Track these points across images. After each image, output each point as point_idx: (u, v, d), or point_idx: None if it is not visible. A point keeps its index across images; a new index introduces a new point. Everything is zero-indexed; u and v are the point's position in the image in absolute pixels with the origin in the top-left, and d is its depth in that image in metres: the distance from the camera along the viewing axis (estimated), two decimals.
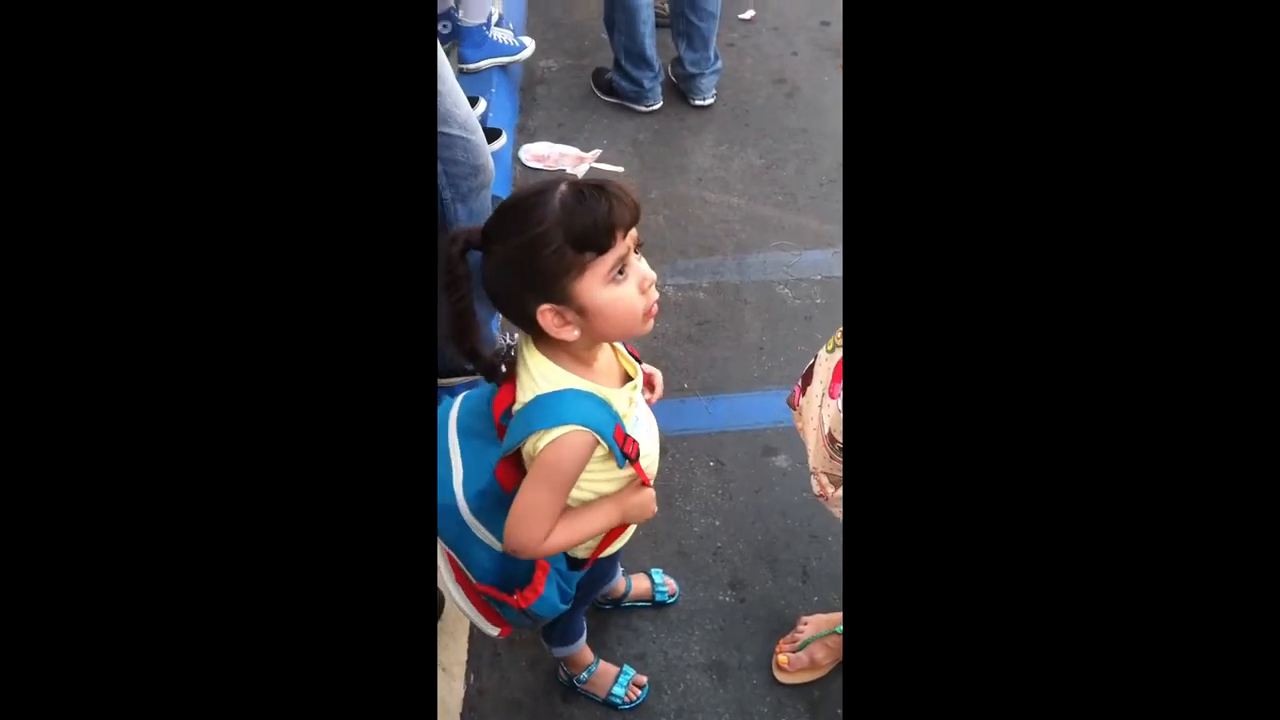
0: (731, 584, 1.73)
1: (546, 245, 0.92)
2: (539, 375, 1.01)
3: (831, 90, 3.00)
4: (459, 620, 1.63)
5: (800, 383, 1.37)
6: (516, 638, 1.64)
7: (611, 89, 2.96)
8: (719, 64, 2.96)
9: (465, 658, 1.60)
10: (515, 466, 1.04)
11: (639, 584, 1.67)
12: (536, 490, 1.01)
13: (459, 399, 1.14)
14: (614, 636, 1.63)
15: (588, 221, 0.92)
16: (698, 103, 2.96)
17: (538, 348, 1.02)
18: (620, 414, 1.03)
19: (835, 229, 2.49)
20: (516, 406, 1.02)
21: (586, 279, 0.94)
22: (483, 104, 2.69)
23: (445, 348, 1.87)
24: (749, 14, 3.36)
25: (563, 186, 0.94)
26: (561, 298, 0.95)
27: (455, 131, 1.58)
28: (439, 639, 1.56)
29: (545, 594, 1.11)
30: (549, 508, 1.02)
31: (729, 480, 1.89)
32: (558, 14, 3.41)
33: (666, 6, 3.11)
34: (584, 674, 1.54)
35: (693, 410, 2.05)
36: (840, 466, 1.22)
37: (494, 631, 1.22)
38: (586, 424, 0.97)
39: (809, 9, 3.42)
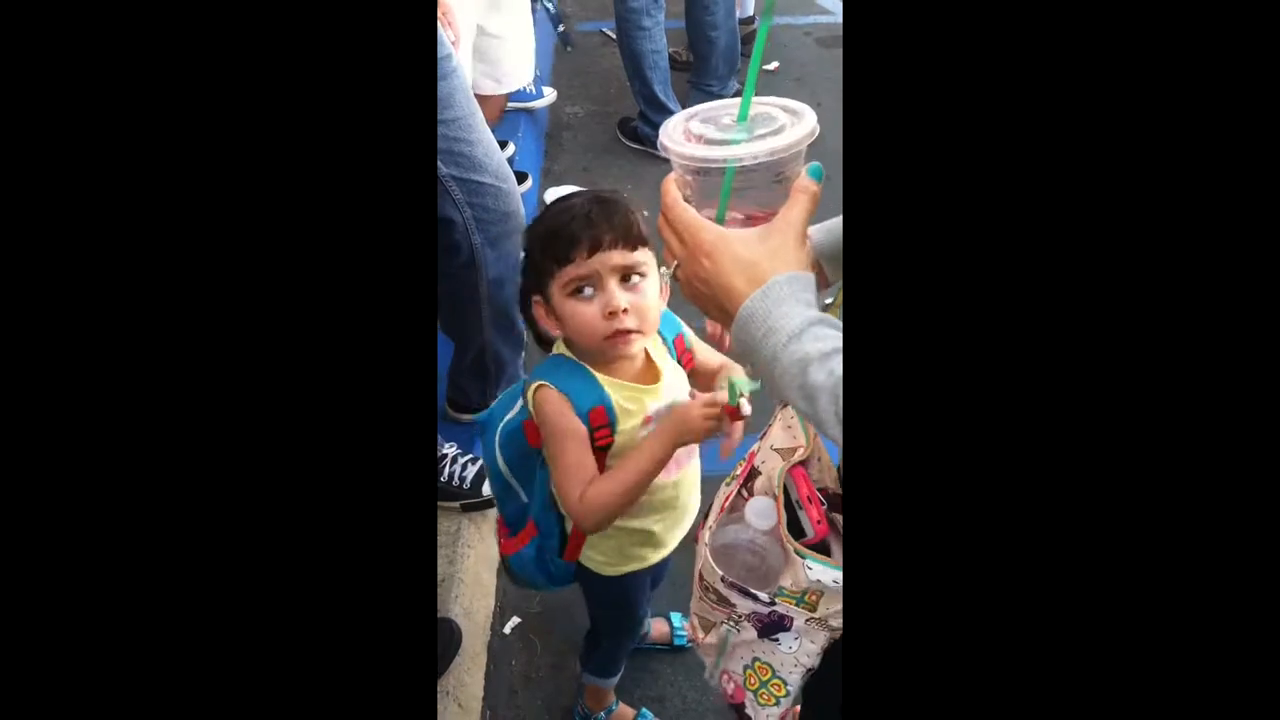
0: None
1: (532, 242, 1.03)
2: (556, 348, 1.12)
3: None
4: (476, 657, 1.62)
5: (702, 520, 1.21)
6: (534, 675, 1.63)
7: (636, 135, 3.02)
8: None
9: (482, 694, 1.59)
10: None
11: (658, 627, 1.66)
12: (551, 450, 1.08)
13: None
14: (632, 679, 1.61)
15: (551, 228, 1.01)
16: None
17: None
18: (616, 405, 1.06)
19: None
20: None
21: (554, 284, 1.02)
22: (511, 148, 2.74)
23: (465, 382, 1.89)
24: (773, 65, 3.42)
25: (583, 195, 1.03)
26: (545, 295, 1.05)
27: (487, 180, 1.60)
28: (455, 675, 1.55)
29: (523, 552, 1.22)
30: (566, 461, 1.05)
31: None
32: (585, 62, 3.49)
33: (685, 54, 3.19)
34: (602, 714, 1.52)
35: (713, 451, 2.04)
36: (706, 608, 1.05)
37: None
38: (563, 387, 1.05)
39: (832, 60, 3.48)
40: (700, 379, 1.19)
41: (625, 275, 1.01)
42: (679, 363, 1.16)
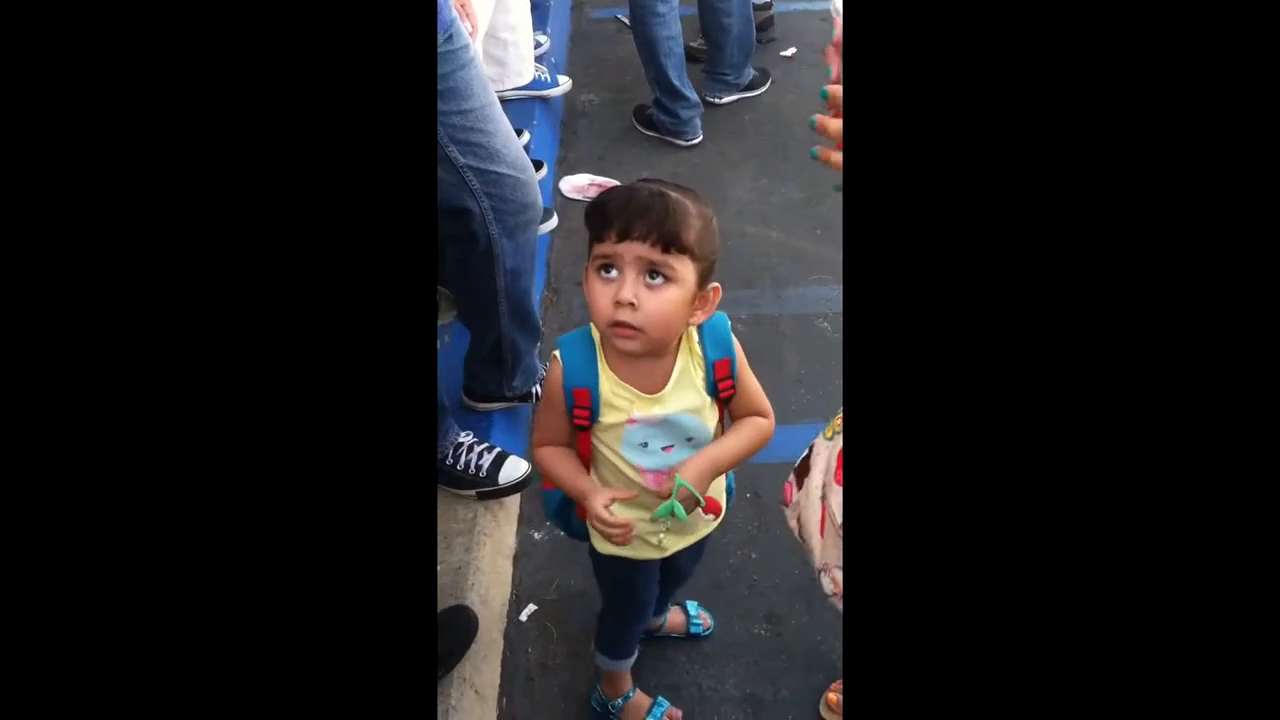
0: (767, 617, 1.71)
1: (587, 212, 1.05)
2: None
3: None
4: (493, 644, 1.63)
5: (793, 477, 1.26)
6: (550, 663, 1.63)
7: (651, 123, 3.01)
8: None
9: (499, 681, 1.59)
10: None
11: (674, 616, 1.66)
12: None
13: None
14: (648, 667, 1.62)
15: (600, 203, 1.03)
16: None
17: None
18: (603, 395, 1.10)
19: None
20: None
21: (590, 255, 1.05)
22: (525, 136, 2.73)
23: (482, 372, 1.89)
24: (790, 51, 3.39)
25: (656, 183, 1.04)
26: (588, 264, 1.07)
27: (505, 170, 1.60)
28: (472, 662, 1.55)
29: (552, 492, 1.28)
30: (538, 418, 1.20)
31: (765, 513, 1.88)
32: (601, 50, 3.47)
33: (700, 41, 3.17)
34: (619, 700, 1.52)
35: None
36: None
37: None
38: (564, 357, 1.11)
39: None
40: (734, 412, 1.19)
41: (651, 271, 1.00)
42: (715, 388, 1.14)
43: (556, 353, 1.12)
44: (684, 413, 1.11)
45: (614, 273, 1.01)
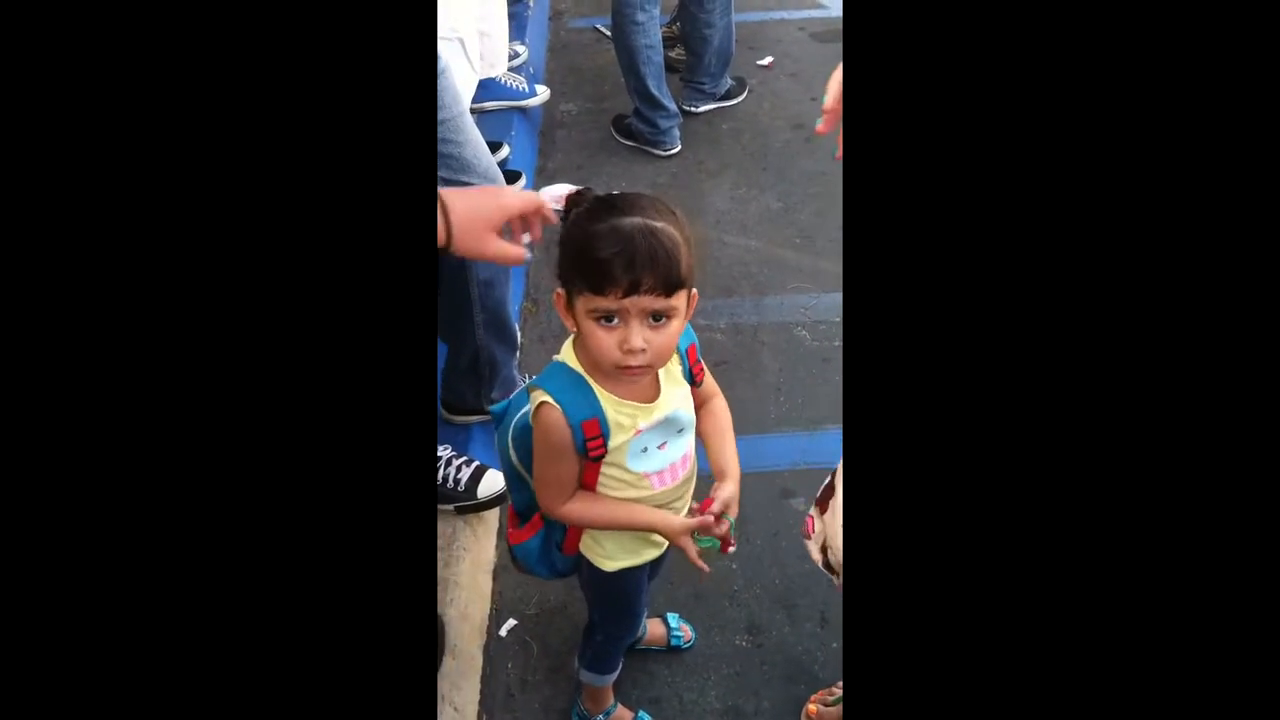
0: (748, 629, 1.70)
1: (568, 248, 1.00)
2: (563, 351, 1.12)
3: None
4: (472, 659, 1.61)
5: (815, 509, 1.25)
6: (530, 679, 1.62)
7: (630, 133, 3.01)
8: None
9: (479, 698, 1.58)
10: None
11: (654, 628, 1.65)
12: (537, 461, 1.13)
13: None
14: (628, 679, 1.61)
15: (593, 253, 0.97)
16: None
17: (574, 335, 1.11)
18: (610, 419, 1.07)
19: None
20: None
21: (581, 300, 1.01)
22: (505, 150, 2.72)
23: (459, 385, 1.88)
24: (767, 60, 3.41)
25: (635, 218, 0.98)
26: (569, 298, 1.03)
27: (476, 181, 1.59)
28: (451, 679, 1.54)
29: (528, 543, 1.25)
30: (547, 476, 1.13)
31: (746, 523, 1.87)
32: (579, 60, 3.47)
33: (678, 51, 3.18)
34: (601, 715, 1.51)
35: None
36: None
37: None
38: (557, 398, 1.05)
39: (826, 56, 3.47)
40: (698, 395, 1.20)
41: (654, 314, 1.00)
42: (690, 373, 1.16)
43: (544, 399, 1.07)
44: (677, 408, 1.12)
45: (615, 320, 1.00)
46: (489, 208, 1.09)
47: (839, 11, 3.51)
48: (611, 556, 1.23)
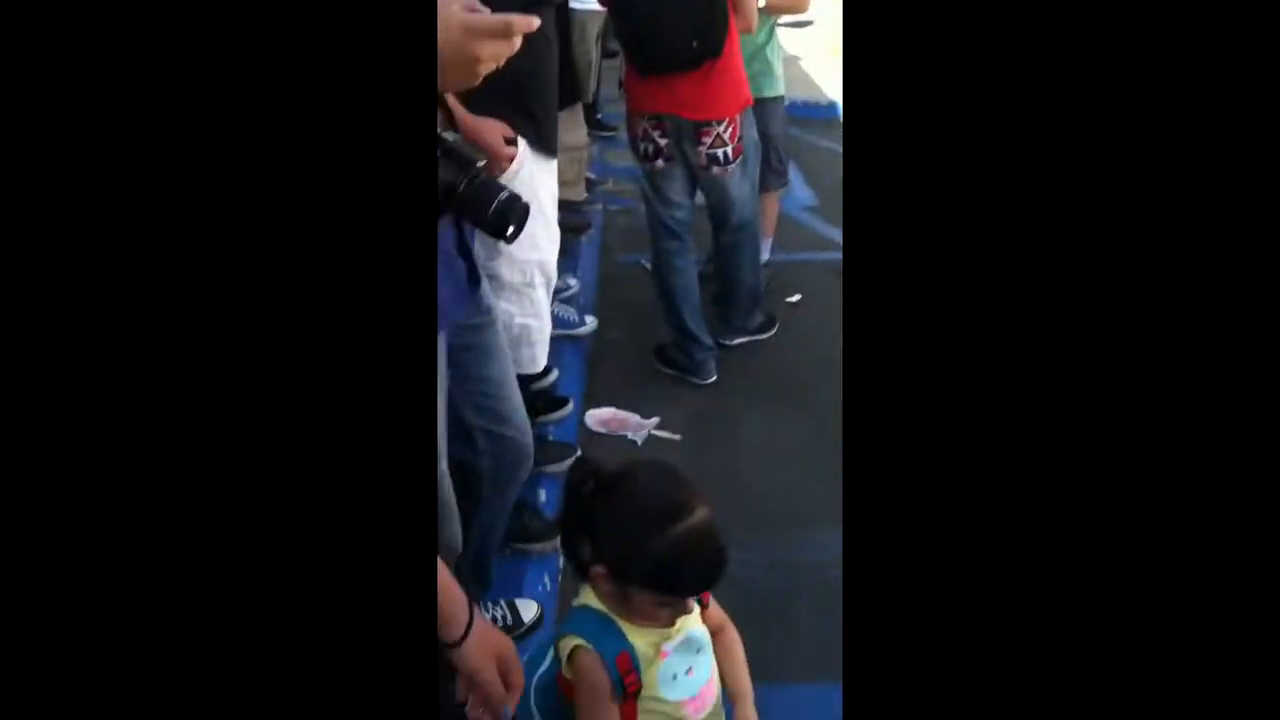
0: None
1: (646, 555, 1.11)
2: (582, 594, 1.21)
3: None
4: None
5: None
6: None
7: (670, 361, 3.29)
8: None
9: None
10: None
11: None
12: (579, 706, 1.18)
13: None
14: None
15: (669, 560, 1.11)
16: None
17: None
18: (639, 651, 1.17)
19: None
20: None
21: (640, 589, 1.14)
22: (554, 374, 2.98)
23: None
24: (795, 298, 3.73)
25: (713, 539, 1.13)
26: (621, 578, 1.14)
27: (510, 433, 1.72)
28: None
29: None
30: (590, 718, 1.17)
31: None
32: (630, 292, 3.79)
33: (714, 289, 3.49)
34: None
35: None
36: None
37: None
38: (588, 640, 1.15)
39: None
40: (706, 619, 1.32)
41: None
42: (698, 599, 1.27)
43: (577, 642, 1.17)
44: (692, 628, 1.24)
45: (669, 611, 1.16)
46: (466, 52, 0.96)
47: None
48: None
